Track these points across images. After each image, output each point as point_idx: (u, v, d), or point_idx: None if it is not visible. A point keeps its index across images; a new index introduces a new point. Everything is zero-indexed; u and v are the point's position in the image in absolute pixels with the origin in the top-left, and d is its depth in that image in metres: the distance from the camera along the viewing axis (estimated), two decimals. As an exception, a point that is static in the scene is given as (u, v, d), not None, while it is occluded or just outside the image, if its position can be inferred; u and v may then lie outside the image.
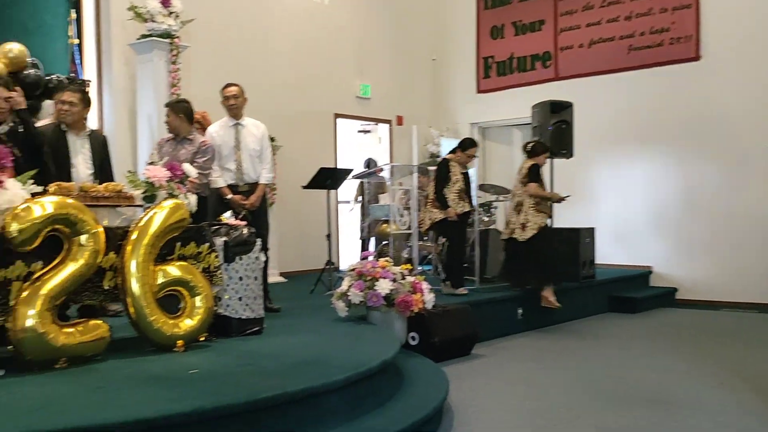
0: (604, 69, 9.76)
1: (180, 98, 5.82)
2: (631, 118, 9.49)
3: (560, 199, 7.19)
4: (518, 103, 9.92)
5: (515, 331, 6.90)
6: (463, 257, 7.10)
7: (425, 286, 5.33)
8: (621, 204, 9.52)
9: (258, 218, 5.72)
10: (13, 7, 6.93)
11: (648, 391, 4.74)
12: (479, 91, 11.27)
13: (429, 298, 5.31)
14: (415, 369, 4.55)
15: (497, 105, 10.92)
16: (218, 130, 5.85)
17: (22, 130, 4.41)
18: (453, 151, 7.12)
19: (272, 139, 6.71)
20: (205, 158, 5.29)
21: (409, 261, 7.23)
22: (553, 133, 8.01)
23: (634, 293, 8.64)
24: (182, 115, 5.35)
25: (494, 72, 11.07)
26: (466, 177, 7.01)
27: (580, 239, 7.97)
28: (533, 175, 6.97)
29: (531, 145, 7.21)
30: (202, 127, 6.13)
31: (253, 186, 5.82)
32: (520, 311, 7.02)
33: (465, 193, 6.92)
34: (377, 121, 10.90)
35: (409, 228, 7.57)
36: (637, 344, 6.47)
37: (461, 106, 11.50)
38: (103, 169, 4.91)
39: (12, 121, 4.38)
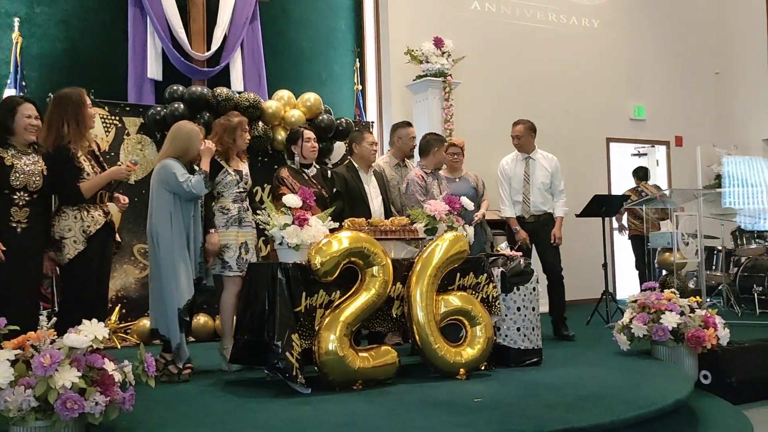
0: None
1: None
2: None
3: None
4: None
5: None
6: None
7: (719, 320, 4.88)
8: None
9: (551, 250, 5.83)
10: (311, 61, 7.96)
11: None
12: (774, 102, 10.18)
13: (724, 334, 4.85)
14: (711, 411, 4.17)
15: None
16: (510, 163, 6.04)
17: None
18: None
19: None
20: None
21: (696, 292, 6.68)
22: None
23: None
24: None
25: (791, 79, 9.92)
26: None
27: None
28: None
29: None
30: (462, 155, 6.30)
31: (539, 217, 5.87)
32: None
33: None
34: (653, 143, 10.34)
35: (696, 255, 7.02)
36: None
37: (751, 121, 10.45)
38: (386, 202, 5.31)
39: (316, 165, 4.95)
